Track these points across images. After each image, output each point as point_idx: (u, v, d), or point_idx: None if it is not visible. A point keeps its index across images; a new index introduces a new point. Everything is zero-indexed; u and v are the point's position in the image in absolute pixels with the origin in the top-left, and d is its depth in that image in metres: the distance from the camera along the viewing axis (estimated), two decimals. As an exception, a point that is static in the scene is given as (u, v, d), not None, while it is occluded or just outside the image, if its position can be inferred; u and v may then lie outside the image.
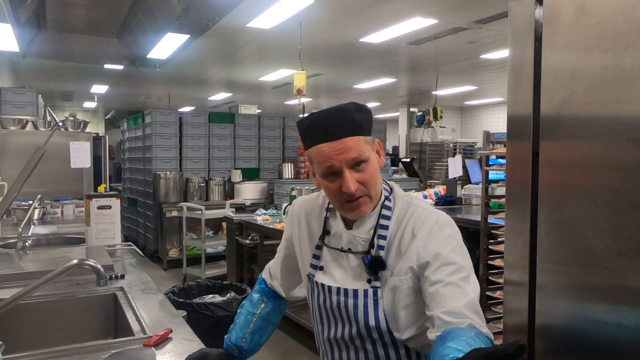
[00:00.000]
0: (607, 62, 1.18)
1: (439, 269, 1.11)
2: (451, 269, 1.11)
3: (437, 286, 1.10)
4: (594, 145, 1.22)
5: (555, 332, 1.35)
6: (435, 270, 1.12)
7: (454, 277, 1.10)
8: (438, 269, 1.12)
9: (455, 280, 1.10)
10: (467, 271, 1.13)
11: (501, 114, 12.69)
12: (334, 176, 1.14)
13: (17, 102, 5.49)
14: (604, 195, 1.20)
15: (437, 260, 1.12)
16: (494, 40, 6.31)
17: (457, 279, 1.10)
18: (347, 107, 1.16)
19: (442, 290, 1.09)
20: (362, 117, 1.16)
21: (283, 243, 1.46)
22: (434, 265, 1.12)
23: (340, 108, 1.16)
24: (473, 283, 1.12)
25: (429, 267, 1.13)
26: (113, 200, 2.69)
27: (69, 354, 1.35)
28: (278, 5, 4.85)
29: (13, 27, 4.54)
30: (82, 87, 10.64)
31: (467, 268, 1.13)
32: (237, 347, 1.41)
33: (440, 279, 1.10)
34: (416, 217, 1.19)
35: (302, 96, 5.73)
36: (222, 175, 7.19)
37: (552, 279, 1.35)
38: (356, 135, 1.14)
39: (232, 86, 10.37)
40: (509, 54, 1.43)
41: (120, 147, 9.61)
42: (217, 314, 3.19)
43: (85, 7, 5.99)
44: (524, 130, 1.39)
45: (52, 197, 4.35)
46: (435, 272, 1.12)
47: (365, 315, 1.17)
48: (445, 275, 1.10)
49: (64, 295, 1.88)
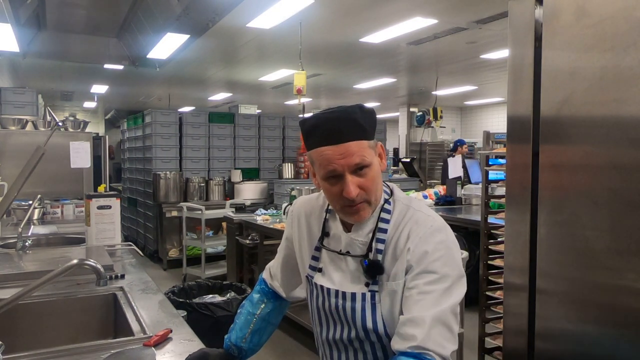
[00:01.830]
0: (606, 62, 1.18)
1: (418, 276, 1.10)
2: (430, 278, 1.09)
3: (412, 292, 1.10)
4: (594, 146, 1.22)
5: (555, 333, 1.34)
6: (415, 276, 1.11)
7: (431, 286, 1.08)
8: (417, 275, 1.10)
9: (431, 290, 1.08)
10: (448, 282, 1.09)
11: (501, 114, 12.68)
12: (335, 179, 1.13)
13: (17, 102, 5.48)
14: (604, 196, 1.20)
15: (419, 266, 1.11)
16: (494, 40, 6.31)
17: (434, 288, 1.08)
18: (352, 110, 1.13)
19: (415, 297, 1.08)
20: (367, 121, 1.13)
21: (283, 243, 1.46)
22: (415, 270, 1.11)
23: (345, 110, 1.13)
24: (455, 294, 1.10)
25: (410, 272, 1.12)
26: (113, 200, 2.69)
27: (69, 354, 1.35)
28: (278, 5, 4.85)
29: (13, 27, 4.54)
30: (82, 87, 10.64)
31: (450, 278, 1.10)
32: (237, 347, 1.41)
33: (416, 286, 1.09)
34: (413, 221, 1.17)
35: (302, 96, 5.73)
36: (222, 175, 7.19)
37: (552, 280, 1.34)
38: (360, 140, 1.11)
39: (232, 86, 10.37)
40: (509, 54, 1.43)
41: (120, 147, 9.60)
42: (217, 314, 3.19)
43: (85, 7, 5.99)
44: (524, 131, 1.39)
45: (52, 197, 4.34)
46: (414, 278, 1.11)
47: (363, 319, 1.17)
48: (423, 284, 1.09)
49: (64, 295, 1.88)
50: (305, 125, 1.16)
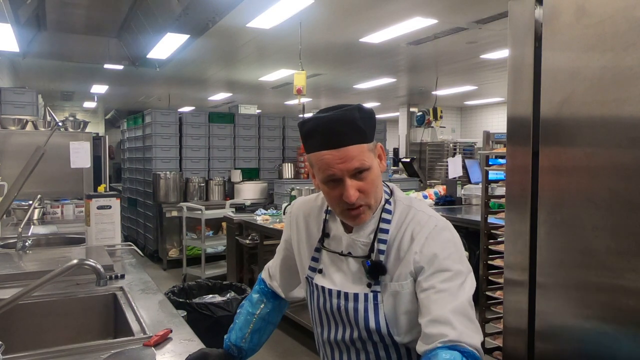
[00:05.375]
0: (606, 62, 1.18)
1: (432, 276, 1.10)
2: (445, 276, 1.09)
3: (429, 292, 1.09)
4: (594, 146, 1.22)
5: (556, 332, 1.34)
6: (429, 276, 1.10)
7: (447, 284, 1.08)
8: (431, 275, 1.10)
9: (447, 288, 1.08)
10: (462, 278, 1.10)
11: (501, 113, 12.69)
12: (335, 183, 1.12)
13: (17, 102, 5.49)
14: (604, 196, 1.20)
15: (432, 266, 1.10)
16: (494, 40, 6.31)
17: (450, 286, 1.08)
18: (352, 112, 1.10)
19: (433, 297, 1.08)
20: (366, 124, 1.11)
21: (282, 244, 1.46)
22: (428, 271, 1.11)
23: (344, 113, 1.10)
24: (468, 288, 1.10)
25: (423, 273, 1.11)
26: (113, 200, 2.69)
27: (69, 354, 1.35)
28: (278, 5, 4.84)
29: (13, 27, 4.54)
30: (82, 87, 10.64)
31: (463, 274, 1.10)
32: (237, 347, 1.41)
33: (433, 286, 1.09)
34: (416, 221, 1.17)
35: (302, 96, 5.73)
36: (222, 175, 7.19)
37: (552, 280, 1.34)
38: (359, 144, 1.10)
39: (232, 86, 10.36)
40: (509, 54, 1.43)
41: (120, 147, 9.60)
42: (217, 314, 3.19)
43: (85, 7, 5.98)
44: (524, 131, 1.39)
45: (52, 197, 4.34)
46: (428, 278, 1.10)
47: (366, 319, 1.16)
48: (438, 282, 1.09)
49: (64, 295, 1.88)
50: (304, 128, 1.14)
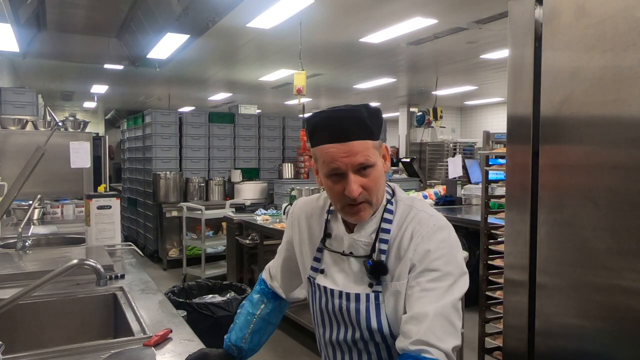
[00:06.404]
0: (607, 62, 1.18)
1: (421, 274, 1.11)
2: (433, 276, 1.09)
3: (414, 290, 1.10)
4: (594, 145, 1.22)
5: (556, 332, 1.34)
6: (417, 274, 1.11)
7: (434, 284, 1.09)
8: (420, 274, 1.11)
9: (433, 287, 1.08)
10: (451, 279, 1.10)
11: (501, 113, 12.68)
12: (338, 178, 1.13)
13: (17, 102, 5.49)
14: (603, 196, 1.20)
15: (422, 264, 1.11)
16: (494, 40, 6.31)
17: (436, 286, 1.08)
18: (359, 109, 1.13)
19: (417, 295, 1.09)
20: (373, 121, 1.13)
21: (283, 245, 1.46)
22: (418, 268, 1.11)
23: (352, 109, 1.13)
24: (457, 291, 1.10)
25: (413, 270, 1.12)
26: (113, 200, 2.69)
27: (69, 354, 1.35)
28: (278, 5, 4.84)
29: (13, 27, 4.54)
30: (82, 87, 10.63)
31: (453, 276, 1.10)
32: (237, 348, 1.41)
33: (418, 284, 1.10)
34: (417, 220, 1.17)
35: (302, 96, 5.73)
36: (222, 175, 7.19)
37: (552, 280, 1.35)
38: (365, 140, 1.11)
39: (232, 86, 10.36)
40: (509, 54, 1.43)
41: (120, 147, 9.60)
42: (217, 314, 3.19)
43: (85, 7, 5.98)
44: (524, 131, 1.39)
45: (52, 197, 4.34)
46: (417, 276, 1.11)
47: (368, 319, 1.16)
48: (425, 281, 1.09)
49: (64, 295, 1.88)
50: (311, 122, 1.16)
